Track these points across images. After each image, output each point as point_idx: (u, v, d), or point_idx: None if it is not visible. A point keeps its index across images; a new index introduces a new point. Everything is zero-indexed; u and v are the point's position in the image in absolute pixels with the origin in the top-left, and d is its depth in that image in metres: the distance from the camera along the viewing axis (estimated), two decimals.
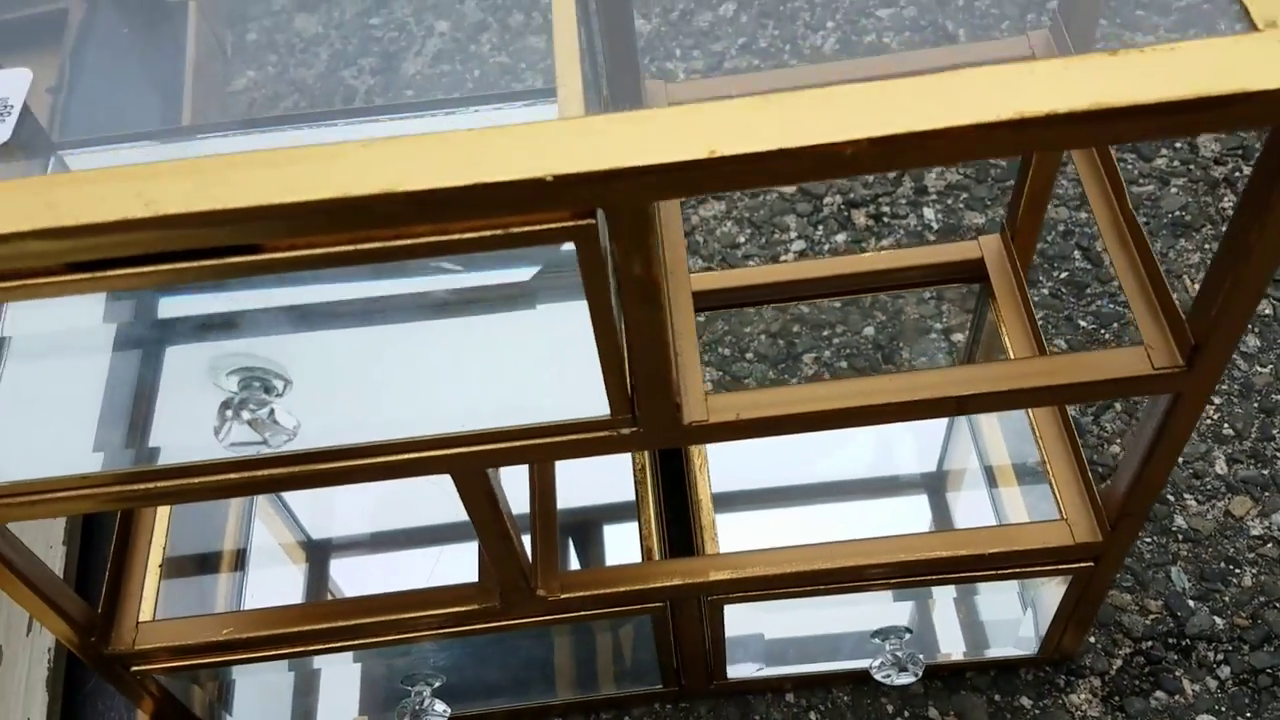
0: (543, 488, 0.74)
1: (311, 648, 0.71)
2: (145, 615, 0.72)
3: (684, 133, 0.41)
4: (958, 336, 1.01)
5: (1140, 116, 0.39)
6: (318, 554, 0.96)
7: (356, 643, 0.72)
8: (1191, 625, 0.85)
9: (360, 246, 0.43)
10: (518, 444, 0.55)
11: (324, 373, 0.52)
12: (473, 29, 1.28)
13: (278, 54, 1.28)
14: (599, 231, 0.44)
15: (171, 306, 0.52)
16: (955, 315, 1.02)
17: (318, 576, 0.95)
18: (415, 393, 0.55)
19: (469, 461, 0.56)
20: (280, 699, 0.89)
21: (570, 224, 0.43)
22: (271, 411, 0.48)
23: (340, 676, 0.88)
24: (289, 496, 0.97)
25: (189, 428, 0.57)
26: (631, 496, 0.94)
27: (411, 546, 0.96)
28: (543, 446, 0.55)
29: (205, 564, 0.89)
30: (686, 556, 0.86)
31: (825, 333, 1.03)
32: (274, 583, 0.92)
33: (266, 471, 0.54)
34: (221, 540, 0.91)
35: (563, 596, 0.69)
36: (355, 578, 0.95)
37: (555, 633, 0.86)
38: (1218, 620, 0.85)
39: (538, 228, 0.43)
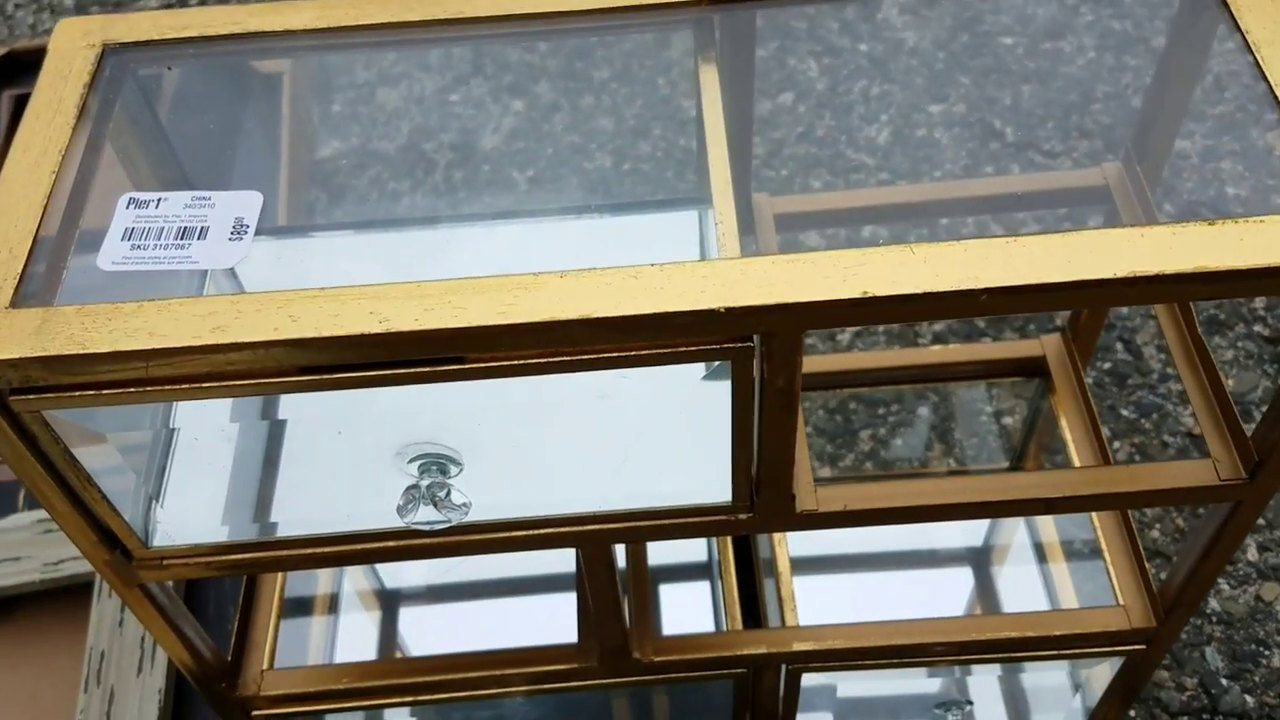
0: (638, 556, 0.80)
1: (420, 698, 0.77)
2: (266, 664, 0.78)
3: (839, 275, 0.48)
4: (1008, 420, 1.07)
5: (1235, 280, 0.46)
6: (394, 602, 1.02)
7: (458, 695, 0.77)
8: (1224, 703, 0.91)
9: (550, 359, 0.50)
10: (644, 524, 0.62)
11: (486, 453, 0.58)
12: (546, 109, 1.35)
13: (360, 125, 1.35)
14: (754, 353, 0.51)
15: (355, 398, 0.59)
16: (1005, 400, 1.09)
17: (396, 622, 1.01)
18: (559, 472, 0.62)
19: (597, 538, 0.62)
20: None
21: (731, 346, 0.50)
22: (449, 492, 0.54)
23: None
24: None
25: (333, 499, 0.64)
26: (692, 557, 1.01)
27: (489, 596, 1.02)
28: (666, 527, 0.62)
29: (300, 607, 0.95)
30: (755, 620, 0.92)
31: (881, 411, 1.09)
32: (362, 627, 0.98)
33: (417, 541, 0.61)
34: (316, 585, 0.97)
35: (656, 659, 0.75)
36: (434, 626, 1.01)
37: (628, 692, 0.92)
38: (1249, 699, 0.91)
39: (703, 349, 0.50)
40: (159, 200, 0.53)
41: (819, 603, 0.93)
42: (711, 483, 0.61)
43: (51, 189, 0.53)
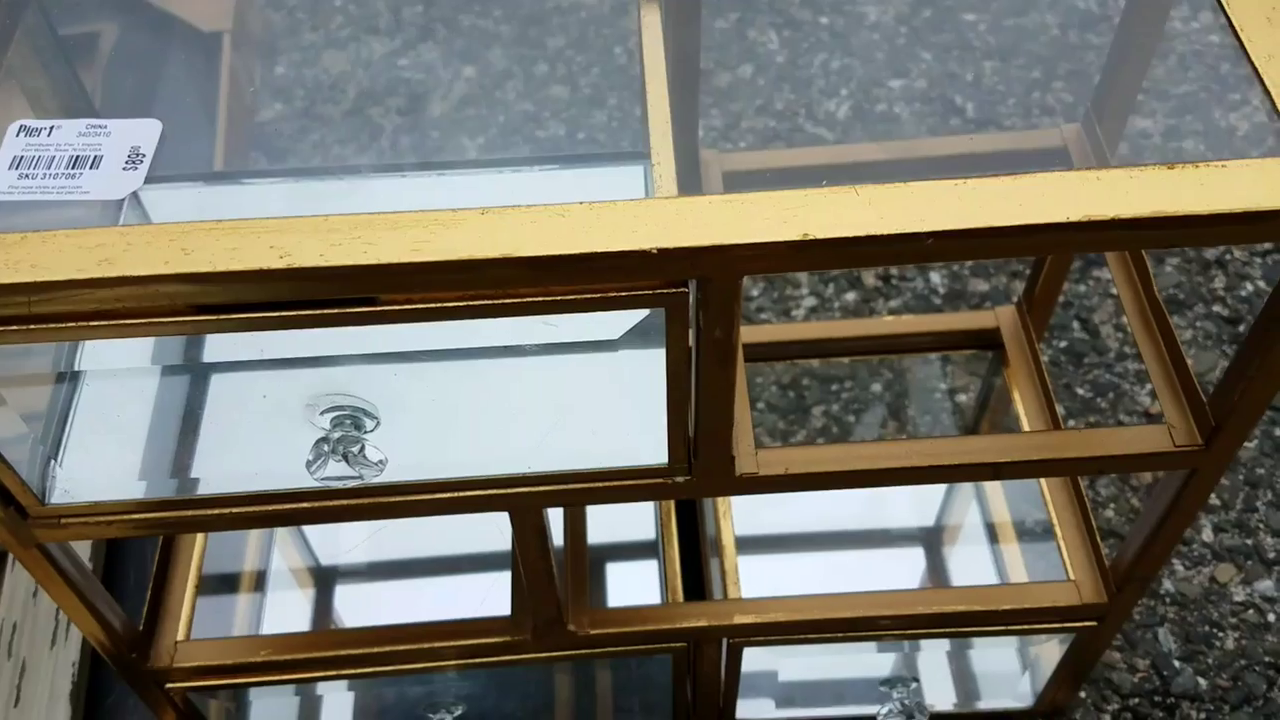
0: (575, 527, 0.77)
1: (345, 671, 0.74)
2: (181, 635, 0.74)
3: (779, 216, 0.45)
4: (961, 397, 1.05)
5: (1194, 225, 0.44)
6: (327, 579, 0.98)
7: (386, 669, 0.74)
8: (1177, 685, 0.89)
9: (470, 303, 0.46)
10: (577, 487, 0.58)
11: (406, 412, 0.55)
12: (498, 76, 1.31)
13: (305, 89, 1.31)
14: (689, 299, 0.48)
15: (262, 341, 0.55)
16: (959, 377, 1.06)
17: (328, 601, 0.97)
18: (487, 432, 0.58)
19: (529, 501, 0.59)
20: (290, 717, 0.91)
21: (665, 291, 0.47)
22: (362, 448, 0.51)
23: (349, 699, 0.91)
24: (333, 540, 0.99)
25: (251, 457, 0.60)
26: (641, 536, 0.98)
27: (423, 575, 0.99)
28: (600, 490, 0.59)
29: (225, 583, 0.91)
30: (700, 599, 0.89)
31: (834, 387, 1.07)
32: (291, 605, 0.94)
33: (336, 502, 0.57)
34: (243, 562, 0.93)
35: (592, 632, 0.72)
36: (367, 603, 0.97)
37: (570, 667, 0.89)
38: (1201, 681, 0.89)
39: (634, 294, 0.47)
40: (51, 128, 0.49)
41: (766, 582, 0.90)
42: (648, 445, 0.58)
43: None
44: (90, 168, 0.48)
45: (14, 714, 0.81)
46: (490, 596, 0.92)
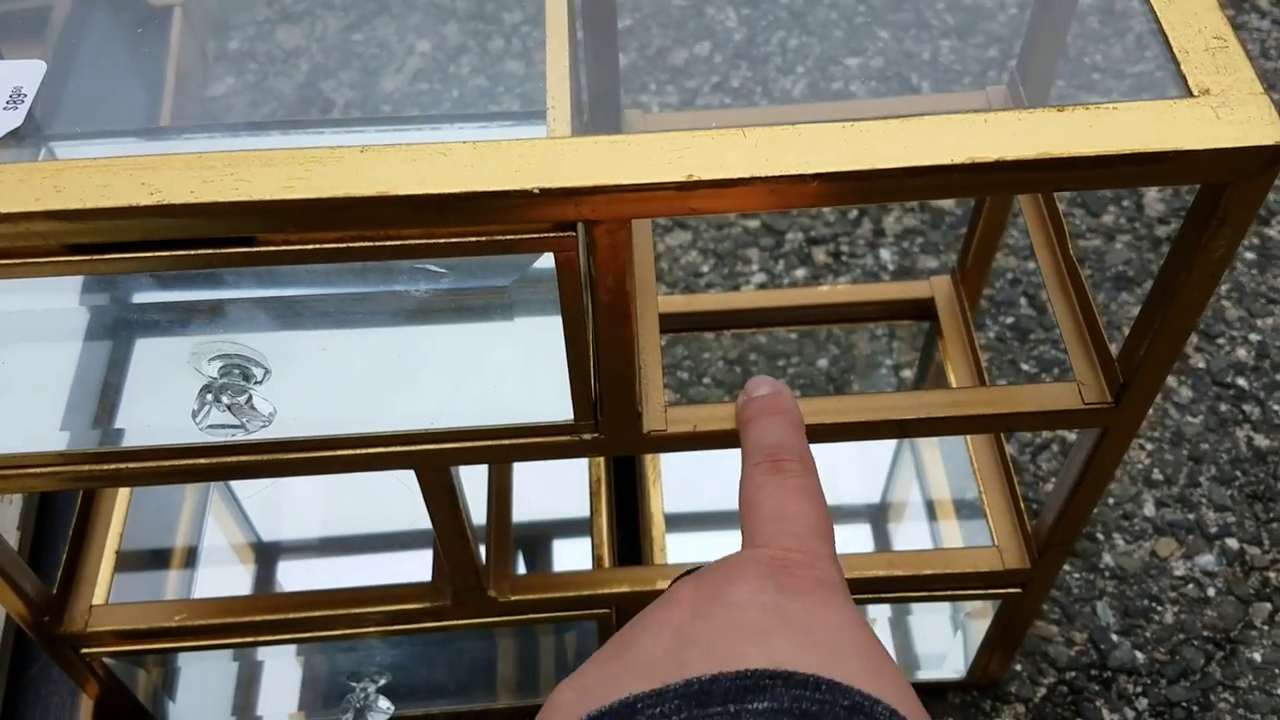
0: (500, 493, 0.76)
1: (262, 638, 0.73)
2: (99, 599, 0.73)
3: (664, 157, 0.44)
4: (906, 373, 1.04)
5: (1081, 167, 0.43)
6: (267, 555, 0.97)
7: (306, 635, 0.73)
8: (1114, 658, 0.88)
9: (350, 245, 0.46)
10: (482, 444, 0.58)
11: (303, 366, 0.54)
12: (453, 51, 1.30)
13: (258, 63, 1.30)
14: (578, 244, 0.47)
15: (152, 293, 0.54)
16: (905, 353, 1.06)
17: (266, 577, 0.96)
18: (390, 391, 0.58)
19: (434, 459, 0.58)
20: (223, 689, 0.90)
21: (551, 235, 0.46)
22: (249, 398, 0.50)
23: (282, 670, 0.90)
24: (243, 497, 0.98)
25: (158, 412, 0.59)
26: (582, 513, 0.97)
27: (359, 552, 0.98)
28: (506, 447, 0.58)
29: (156, 559, 0.90)
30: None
31: (781, 363, 1.06)
32: (223, 581, 0.93)
33: (234, 458, 0.56)
34: (174, 536, 0.92)
35: (513, 598, 0.72)
36: (303, 580, 0.96)
37: (501, 637, 0.88)
38: (1139, 654, 0.89)
39: (520, 237, 0.46)
40: None
41: (701, 557, 0.90)
42: (556, 404, 0.57)
43: None
44: None
45: None
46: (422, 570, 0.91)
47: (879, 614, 0.86)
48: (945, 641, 0.86)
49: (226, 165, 0.44)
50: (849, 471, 1.01)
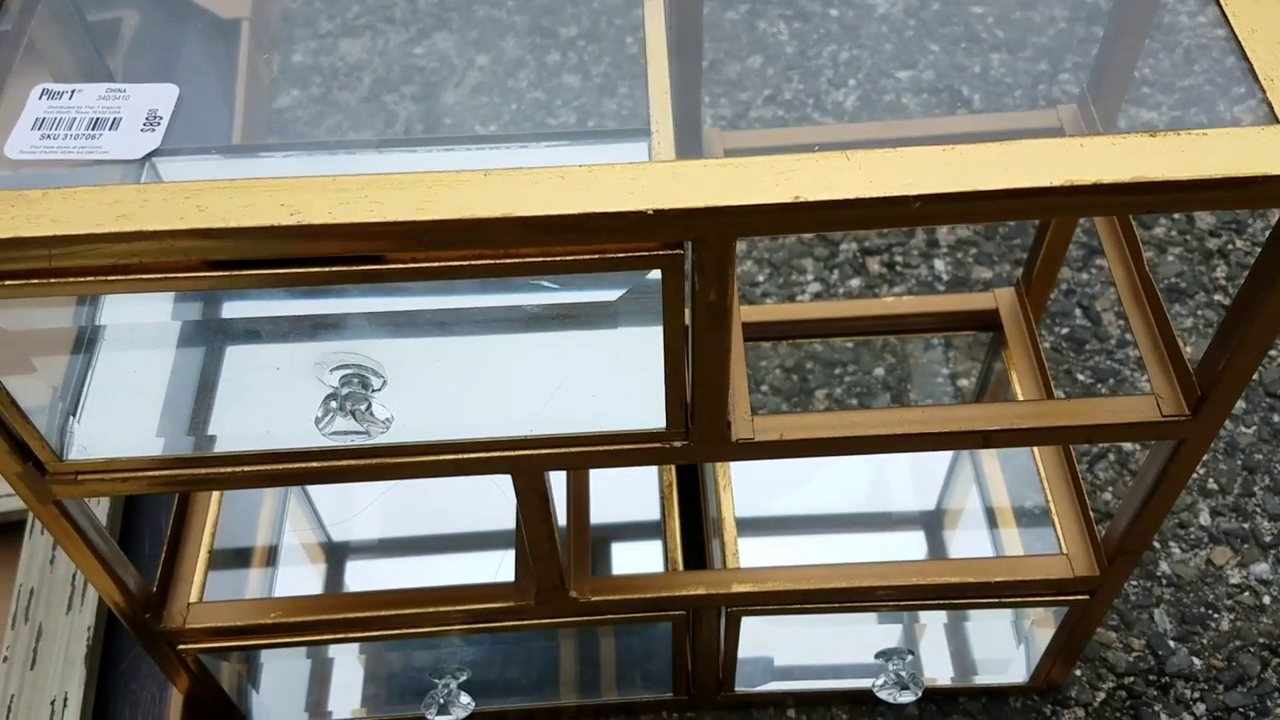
0: (579, 497, 0.78)
1: (353, 634, 0.76)
2: (194, 597, 0.76)
3: (772, 179, 0.47)
4: (963, 382, 1.06)
5: (1173, 191, 0.45)
6: (338, 554, 1.00)
7: (394, 633, 0.76)
8: (1171, 664, 0.90)
9: (473, 262, 0.48)
10: (578, 450, 0.60)
11: (413, 374, 0.57)
12: (511, 65, 1.33)
13: (322, 76, 1.33)
14: (685, 261, 0.49)
15: (273, 304, 0.57)
16: (962, 362, 1.08)
17: (337, 576, 0.99)
18: (493, 398, 0.60)
19: (531, 464, 0.61)
20: (298, 684, 0.93)
21: (661, 253, 0.49)
22: (369, 405, 0.53)
23: (351, 666, 0.92)
24: (318, 499, 1.01)
25: (261, 416, 0.62)
26: (646, 517, 0.99)
27: (426, 553, 1.00)
28: (600, 454, 0.60)
29: (240, 558, 0.93)
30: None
31: (837, 371, 1.08)
32: (300, 579, 0.96)
33: (345, 462, 0.59)
34: (255, 536, 0.95)
35: (593, 599, 0.74)
36: (371, 580, 0.99)
37: (565, 638, 0.90)
38: (1196, 661, 0.90)
39: (632, 255, 0.49)
40: (73, 92, 0.51)
41: (766, 562, 0.92)
42: (648, 413, 0.59)
43: None
44: (109, 129, 0.50)
45: (30, 676, 0.83)
46: (500, 571, 0.94)
47: (943, 621, 0.88)
48: (1008, 647, 0.88)
49: (361, 188, 0.46)
50: (903, 478, 1.03)
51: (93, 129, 0.50)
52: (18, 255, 0.46)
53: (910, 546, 1.00)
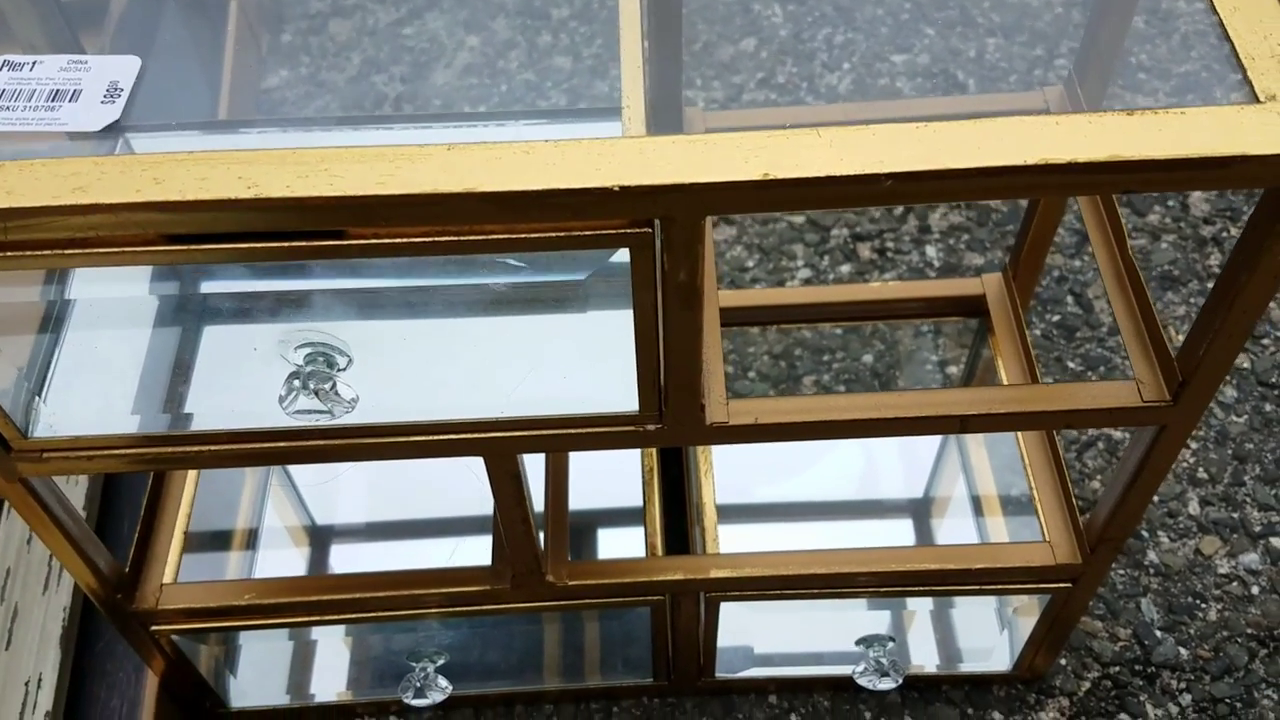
0: (557, 481, 0.78)
1: (327, 617, 0.75)
2: (168, 578, 0.75)
3: (741, 156, 0.46)
4: (952, 370, 1.05)
5: (1150, 170, 0.44)
6: (321, 538, 1.00)
7: (369, 615, 0.75)
8: (1158, 654, 0.89)
9: (436, 239, 0.47)
10: (550, 433, 0.59)
11: (381, 355, 0.56)
12: (502, 46, 1.32)
13: (310, 56, 1.32)
14: (654, 240, 0.48)
15: (239, 282, 0.56)
16: (951, 349, 1.07)
17: (320, 559, 0.98)
18: (463, 380, 0.59)
19: (503, 446, 0.60)
20: (279, 666, 0.93)
21: (629, 231, 0.48)
22: (334, 385, 0.52)
23: (334, 649, 0.92)
24: (300, 481, 1.00)
25: (229, 396, 0.61)
26: (628, 504, 0.98)
27: (407, 537, 1.00)
28: (573, 437, 0.59)
29: (218, 540, 0.93)
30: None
31: (825, 358, 1.07)
32: (281, 562, 0.96)
33: (315, 442, 0.58)
34: (235, 518, 0.95)
35: (570, 583, 0.73)
36: (354, 563, 0.98)
37: (548, 622, 0.90)
38: (1182, 651, 0.89)
39: (599, 233, 0.48)
40: (34, 63, 0.50)
41: (749, 549, 0.91)
42: (621, 396, 0.58)
43: None
44: (69, 100, 0.49)
45: (4, 656, 0.82)
46: (455, 556, 0.93)
47: (925, 608, 0.87)
48: (991, 635, 0.87)
49: (320, 161, 0.45)
50: (892, 466, 1.02)
51: (52, 100, 0.49)
52: None
53: (896, 534, 0.99)
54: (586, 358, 0.60)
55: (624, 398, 0.58)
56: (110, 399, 0.61)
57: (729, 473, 0.93)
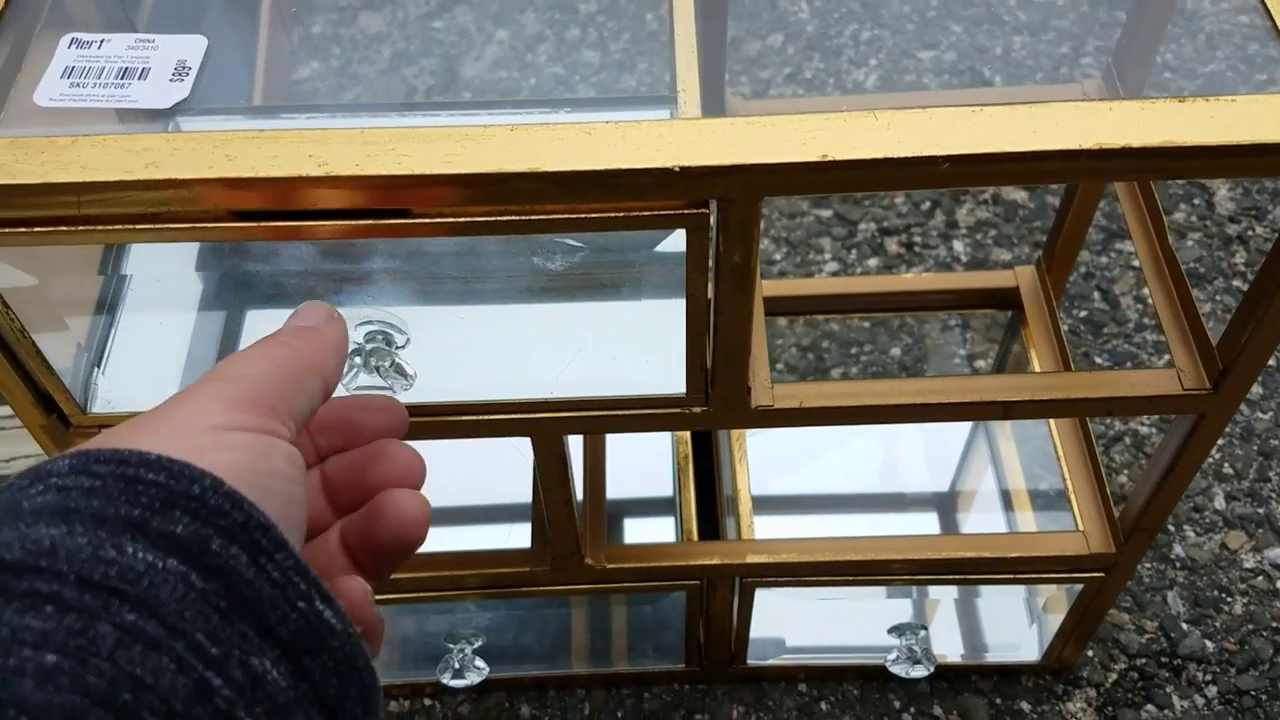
0: (595, 466, 0.79)
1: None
2: None
3: (799, 138, 0.46)
4: (980, 363, 1.06)
5: (1202, 157, 0.45)
6: None
7: (411, 596, 0.76)
8: (1184, 646, 0.90)
9: (499, 219, 0.48)
10: (597, 414, 0.60)
11: (435, 336, 0.57)
12: (530, 39, 1.33)
13: (341, 48, 1.33)
14: (710, 220, 0.49)
15: (304, 263, 0.57)
16: (978, 343, 1.07)
17: None
18: (514, 361, 0.60)
19: (551, 427, 0.61)
20: None
21: (686, 212, 0.48)
22: (394, 362, 0.53)
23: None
24: None
25: None
26: (660, 493, 0.99)
27: (450, 524, 1.01)
28: (620, 418, 0.60)
29: None
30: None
31: (854, 350, 1.08)
32: None
33: None
34: None
35: (609, 566, 0.74)
36: None
37: (585, 607, 0.91)
38: (1208, 643, 0.90)
39: (657, 213, 0.49)
40: (102, 41, 0.51)
41: (784, 534, 0.92)
42: (669, 380, 0.59)
43: None
44: (138, 78, 0.50)
45: None
46: (510, 538, 0.94)
47: (956, 598, 0.88)
48: (1020, 626, 0.88)
49: (388, 141, 0.46)
50: (917, 460, 1.03)
51: (121, 78, 0.50)
52: (47, 201, 0.46)
53: (925, 526, 1.00)
54: (635, 341, 0.61)
55: (669, 380, 0.59)
56: (167, 375, 0.62)
57: (755, 463, 0.94)
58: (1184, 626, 0.91)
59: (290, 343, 0.39)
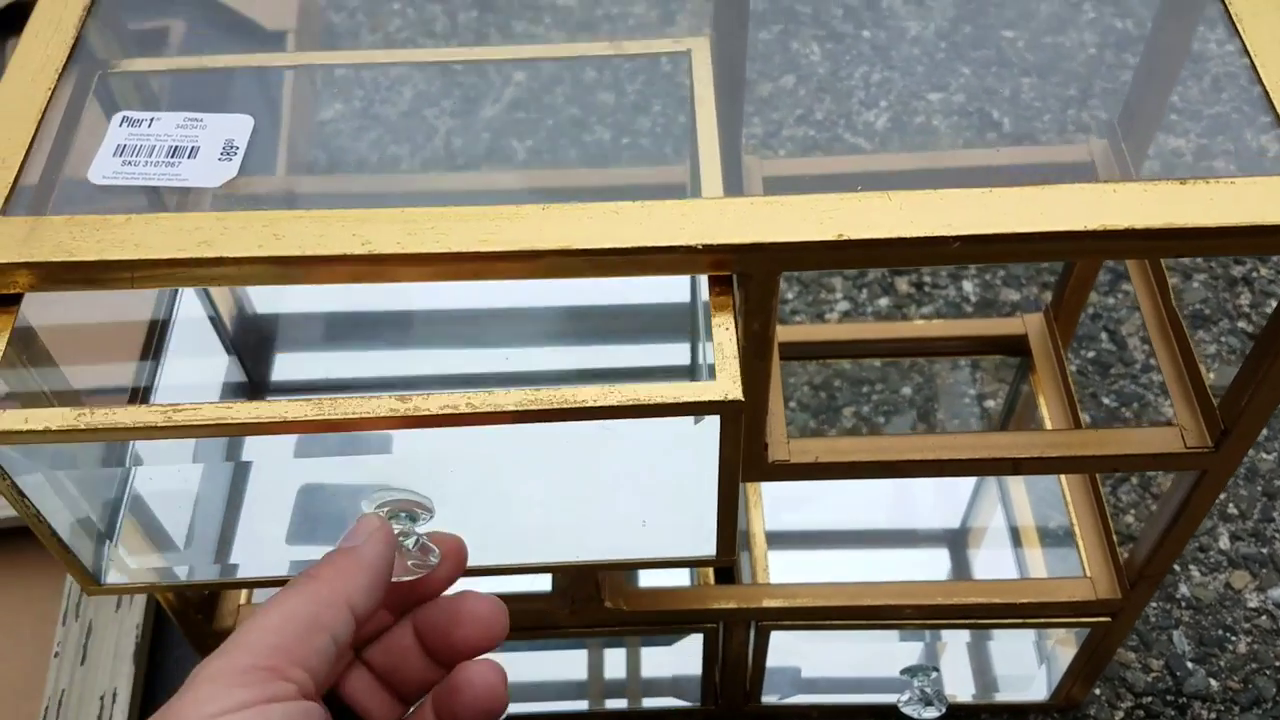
0: None
1: None
2: (244, 599, 0.78)
3: (816, 218, 0.49)
4: (990, 403, 1.08)
5: (1203, 238, 0.47)
6: None
7: None
8: (1189, 685, 0.92)
9: (532, 408, 0.47)
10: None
11: (461, 503, 0.54)
12: (548, 81, 1.36)
13: (364, 89, 1.36)
14: (733, 292, 0.52)
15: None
16: (988, 383, 1.09)
17: None
18: (535, 514, 0.61)
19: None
20: None
21: (718, 399, 0.48)
22: (418, 540, 0.48)
23: None
24: None
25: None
26: None
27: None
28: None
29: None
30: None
31: (865, 389, 1.10)
32: None
33: None
34: None
35: (627, 609, 0.76)
36: None
37: (600, 647, 0.93)
38: (1213, 682, 0.92)
39: (689, 401, 0.48)
40: (151, 119, 0.54)
41: (793, 576, 0.94)
42: (699, 539, 0.59)
43: (46, 106, 0.54)
44: (188, 157, 0.52)
45: (81, 671, 0.86)
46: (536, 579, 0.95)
47: (966, 639, 0.90)
48: (1030, 666, 0.90)
49: (428, 220, 0.49)
50: (928, 497, 1.05)
51: (172, 156, 0.53)
52: (102, 277, 0.49)
53: (935, 563, 1.02)
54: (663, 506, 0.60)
55: (699, 542, 0.59)
56: (176, 542, 0.63)
57: (767, 499, 0.96)
58: (1189, 665, 0.93)
59: (317, 577, 0.41)
